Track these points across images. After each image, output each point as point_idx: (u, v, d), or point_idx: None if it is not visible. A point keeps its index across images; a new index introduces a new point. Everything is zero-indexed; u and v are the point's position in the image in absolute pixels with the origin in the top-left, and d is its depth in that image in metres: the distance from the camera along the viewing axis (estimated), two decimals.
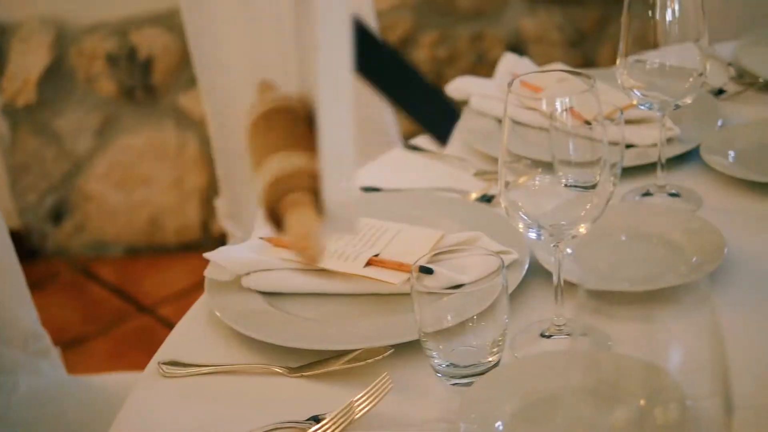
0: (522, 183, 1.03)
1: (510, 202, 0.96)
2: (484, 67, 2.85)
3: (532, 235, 0.96)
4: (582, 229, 0.96)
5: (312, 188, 0.70)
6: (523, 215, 0.96)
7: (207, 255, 1.13)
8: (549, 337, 1.02)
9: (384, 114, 2.07)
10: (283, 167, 0.70)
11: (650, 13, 1.21)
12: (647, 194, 1.28)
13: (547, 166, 1.01)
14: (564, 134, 0.99)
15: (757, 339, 1.01)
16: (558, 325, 1.01)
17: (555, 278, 0.99)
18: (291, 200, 0.70)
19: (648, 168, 1.31)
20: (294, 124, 0.73)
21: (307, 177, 0.70)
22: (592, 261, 1.17)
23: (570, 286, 1.07)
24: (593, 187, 0.97)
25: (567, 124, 0.98)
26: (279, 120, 0.74)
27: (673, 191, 1.28)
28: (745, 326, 1.02)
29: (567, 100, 0.94)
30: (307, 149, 0.71)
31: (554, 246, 0.97)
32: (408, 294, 0.95)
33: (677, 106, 1.23)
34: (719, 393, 0.69)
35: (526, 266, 1.10)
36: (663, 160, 1.27)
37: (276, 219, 0.72)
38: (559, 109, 0.94)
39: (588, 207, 0.96)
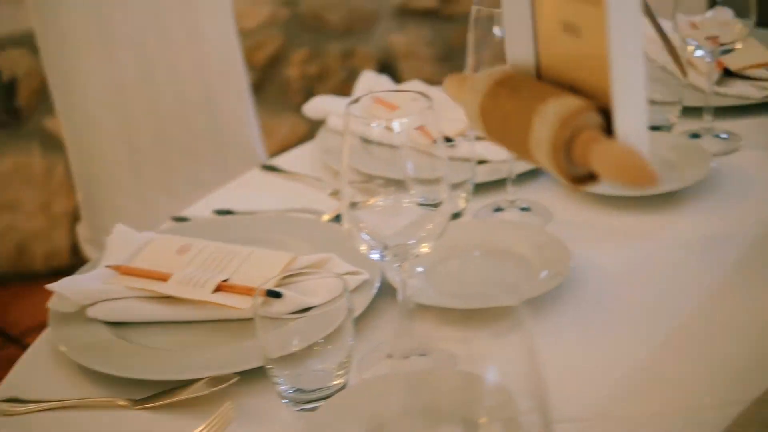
0: (372, 203, 1.03)
1: (353, 224, 0.96)
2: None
3: (375, 256, 0.96)
4: (424, 248, 0.96)
5: (599, 124, 0.70)
6: (365, 236, 0.95)
7: (50, 286, 1.10)
8: (399, 359, 1.01)
9: (250, 133, 2.06)
10: (566, 109, 0.70)
11: (495, 29, 1.23)
12: (499, 209, 1.30)
13: (400, 185, 1.01)
14: (414, 152, 0.99)
15: (601, 348, 1.02)
16: (408, 346, 1.01)
17: (401, 299, 0.99)
18: (587, 137, 0.69)
19: (502, 183, 1.32)
20: (533, 81, 0.75)
21: (592, 114, 0.70)
22: (445, 278, 1.17)
23: (419, 305, 1.07)
24: (437, 205, 0.97)
25: (417, 142, 0.98)
26: (518, 81, 0.75)
27: (524, 206, 1.29)
28: (589, 337, 1.04)
29: (407, 119, 0.94)
30: (564, 94, 0.71)
31: (398, 266, 0.97)
32: None
33: None
34: (539, 408, 0.69)
35: (377, 286, 1.10)
36: (513, 175, 1.29)
37: (569, 160, 0.70)
38: (398, 128, 0.94)
39: (430, 226, 0.96)
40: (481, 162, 1.36)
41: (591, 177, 0.72)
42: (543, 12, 0.76)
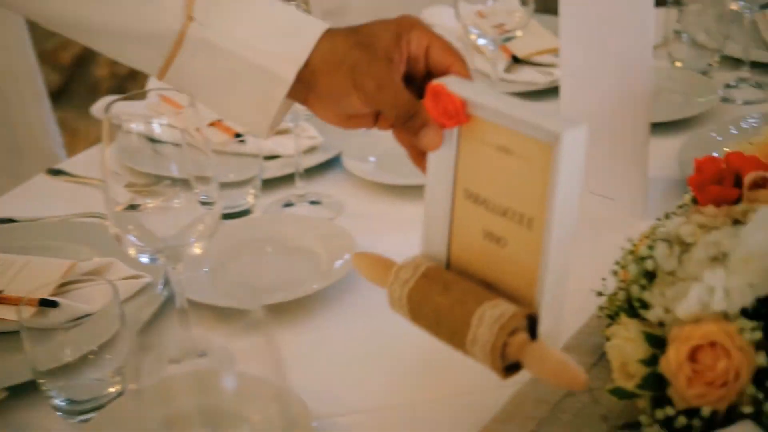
0: (154, 204, 1.00)
1: (121, 227, 0.93)
2: None
3: (145, 259, 0.94)
4: (197, 248, 0.95)
5: (525, 326, 0.80)
6: (133, 239, 0.93)
7: None
8: (178, 362, 1.00)
9: (49, 136, 1.99)
10: (504, 315, 0.80)
11: None
12: (289, 204, 1.29)
13: (186, 185, 1.00)
14: (196, 151, 0.97)
15: (384, 337, 1.02)
16: (185, 348, 0.99)
17: (177, 301, 0.97)
18: (520, 340, 0.79)
19: (291, 178, 1.32)
20: (461, 280, 0.85)
21: (522, 319, 0.79)
22: (235, 276, 1.16)
23: (201, 306, 1.06)
24: (210, 204, 0.96)
25: (198, 141, 0.96)
26: (446, 278, 0.85)
27: (314, 199, 1.29)
28: (372, 327, 1.04)
29: (166, 120, 0.93)
30: (494, 297, 0.82)
31: (172, 268, 0.95)
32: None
33: (308, 116, 1.24)
34: (284, 404, 0.69)
35: (161, 289, 1.08)
36: (301, 170, 1.28)
37: (502, 357, 0.80)
38: (157, 128, 0.93)
39: (201, 227, 0.94)
40: (270, 158, 1.36)
41: (515, 366, 0.81)
42: (464, 217, 0.86)
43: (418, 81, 0.89)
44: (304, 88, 0.89)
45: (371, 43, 0.86)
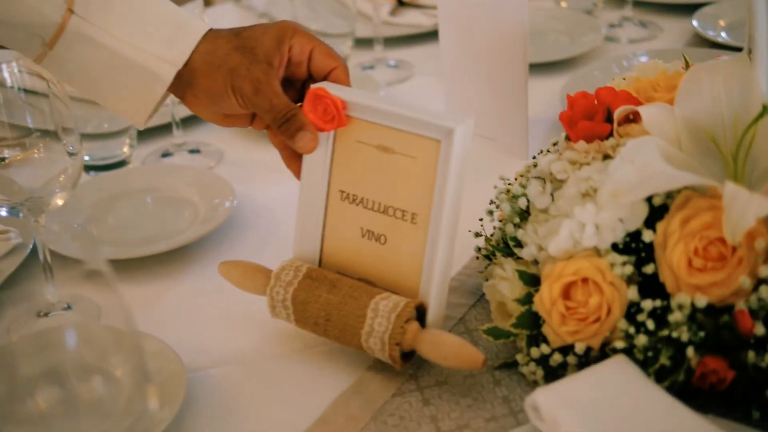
0: (21, 157, 0.97)
1: None
2: None
3: (3, 213, 0.90)
4: (59, 200, 0.91)
5: (414, 316, 0.84)
6: None
7: None
8: (46, 315, 0.96)
9: None
10: (398, 306, 0.83)
11: None
12: (167, 154, 1.26)
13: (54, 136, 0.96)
14: (57, 102, 0.94)
15: None
16: (52, 302, 0.96)
17: (40, 254, 0.94)
18: (414, 328, 0.83)
19: (169, 127, 1.28)
20: (344, 279, 0.87)
21: (413, 309, 0.83)
22: (114, 228, 1.12)
23: (70, 259, 1.03)
24: (74, 155, 0.93)
25: (59, 91, 0.93)
26: (331, 278, 0.87)
27: (193, 148, 1.26)
28: None
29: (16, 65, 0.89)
30: (381, 291, 0.85)
31: (35, 221, 0.92)
32: None
33: None
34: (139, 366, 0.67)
35: (29, 245, 1.05)
36: (178, 119, 1.25)
37: (400, 346, 0.83)
38: (8, 76, 0.89)
39: (62, 178, 0.91)
40: None
41: (409, 355, 0.85)
42: (339, 218, 0.88)
43: (298, 85, 0.90)
44: (183, 86, 0.89)
45: (252, 47, 0.86)
